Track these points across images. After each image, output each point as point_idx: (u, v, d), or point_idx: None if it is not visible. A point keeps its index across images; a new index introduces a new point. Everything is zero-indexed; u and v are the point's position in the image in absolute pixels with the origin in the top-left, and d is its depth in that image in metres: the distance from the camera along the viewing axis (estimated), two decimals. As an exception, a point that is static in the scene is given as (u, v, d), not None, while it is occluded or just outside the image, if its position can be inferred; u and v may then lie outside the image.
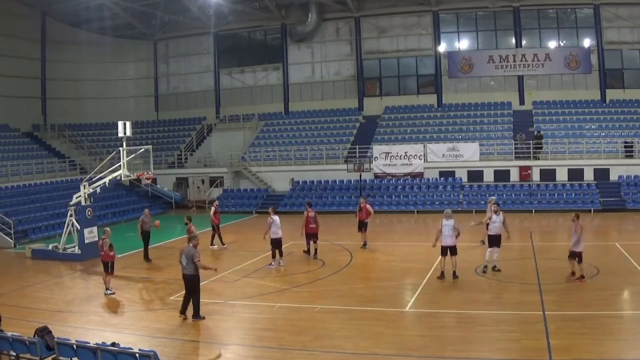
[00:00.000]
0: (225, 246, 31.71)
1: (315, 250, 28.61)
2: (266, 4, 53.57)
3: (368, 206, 30.97)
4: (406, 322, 18.58)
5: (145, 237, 29.34)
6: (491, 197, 29.94)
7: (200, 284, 22.61)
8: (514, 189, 44.18)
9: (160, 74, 62.15)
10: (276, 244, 26.32)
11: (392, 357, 15.30)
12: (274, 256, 26.33)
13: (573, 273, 21.76)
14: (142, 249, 29.38)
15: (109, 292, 22.24)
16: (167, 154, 54.82)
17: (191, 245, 18.47)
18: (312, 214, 28.73)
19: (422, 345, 15.87)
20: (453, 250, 22.91)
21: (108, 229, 23.96)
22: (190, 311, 18.54)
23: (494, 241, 23.60)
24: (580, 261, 21.39)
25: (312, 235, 28.65)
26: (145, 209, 32.01)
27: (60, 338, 14.12)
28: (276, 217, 26.65)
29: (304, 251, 29.11)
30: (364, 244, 30.59)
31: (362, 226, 30.71)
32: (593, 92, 50.80)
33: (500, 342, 15.82)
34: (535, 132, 46.61)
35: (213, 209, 32.63)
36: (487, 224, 24.69)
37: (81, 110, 58.05)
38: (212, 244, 31.68)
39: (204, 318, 18.33)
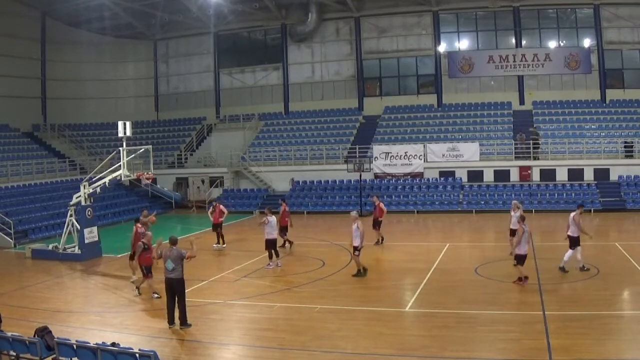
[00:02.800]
0: (215, 246, 31.67)
1: (287, 241, 30.38)
2: (266, 4, 53.55)
3: (382, 205, 31.58)
4: (406, 322, 18.59)
5: None
6: (514, 201, 29.59)
7: (201, 284, 22.71)
8: (514, 189, 44.15)
9: (160, 74, 62.12)
10: (270, 244, 26.36)
11: (392, 357, 15.31)
12: (270, 257, 26.34)
13: (521, 278, 21.66)
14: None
15: (155, 295, 21.45)
16: (167, 154, 54.82)
17: (175, 248, 18.07)
18: (287, 208, 30.70)
19: (422, 345, 15.87)
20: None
21: (149, 232, 23.22)
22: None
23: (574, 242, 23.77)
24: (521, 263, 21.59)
25: (285, 229, 30.22)
26: (144, 210, 32.01)
27: (60, 338, 14.12)
28: (272, 218, 26.73)
29: (281, 246, 29.78)
30: (377, 241, 31.08)
31: (377, 224, 31.25)
32: (593, 92, 50.77)
33: (500, 342, 15.83)
34: (534, 130, 46.44)
35: (211, 208, 32.59)
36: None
37: (81, 110, 58.00)
38: (222, 243, 31.80)
39: (191, 325, 17.90)
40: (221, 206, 32.89)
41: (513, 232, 26.32)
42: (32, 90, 54.89)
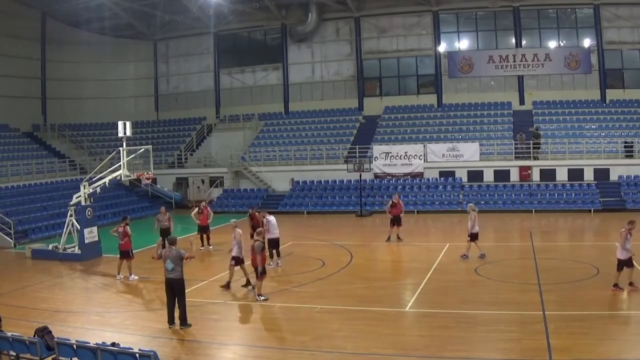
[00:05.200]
0: (210, 247, 31.70)
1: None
2: (266, 4, 53.53)
3: (401, 202, 32.51)
4: (406, 322, 18.59)
5: (163, 234, 29.19)
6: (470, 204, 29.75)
7: (201, 284, 22.70)
8: (514, 189, 44.16)
9: (160, 74, 62.12)
10: (273, 244, 26.38)
11: (392, 357, 15.30)
12: (271, 256, 26.34)
13: (631, 283, 20.33)
14: (141, 249, 29.33)
15: (261, 298, 20.81)
16: (167, 154, 54.82)
17: (174, 248, 18.10)
18: (257, 214, 30.08)
19: (422, 346, 15.87)
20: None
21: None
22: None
23: None
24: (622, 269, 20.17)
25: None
26: (161, 207, 32.87)
27: (60, 338, 14.11)
28: (272, 218, 26.78)
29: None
30: (398, 237, 31.74)
31: (396, 221, 31.72)
32: (593, 92, 50.74)
33: (500, 342, 15.83)
34: (534, 131, 46.34)
35: (196, 209, 32.52)
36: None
37: (81, 110, 58.04)
38: (202, 245, 31.71)
39: (191, 325, 17.93)
40: (209, 208, 32.91)
41: (473, 236, 26.87)
42: (32, 90, 54.89)
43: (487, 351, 15.44)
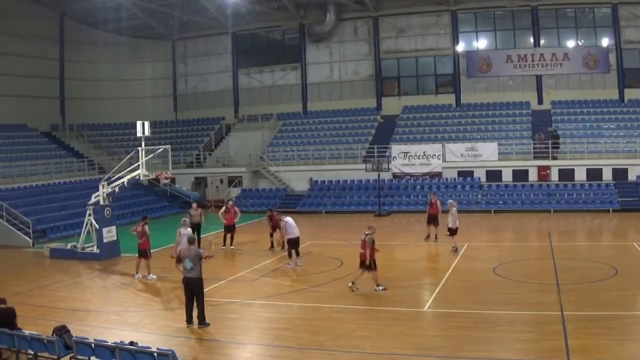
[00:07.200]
0: (231, 247, 31.70)
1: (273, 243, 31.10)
2: (284, 3, 53.57)
3: (438, 202, 31.84)
4: (424, 322, 18.54)
5: (195, 229, 29.34)
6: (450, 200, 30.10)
7: (219, 283, 22.75)
8: (533, 189, 43.92)
9: (179, 73, 62.30)
10: (293, 243, 26.42)
11: (410, 357, 15.24)
12: (290, 256, 26.41)
13: None
14: (159, 248, 29.54)
15: (380, 288, 21.69)
16: (186, 154, 54.89)
17: (193, 247, 18.31)
18: (276, 214, 30.61)
19: (439, 345, 15.83)
20: None
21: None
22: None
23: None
24: None
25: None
26: (193, 204, 34.03)
27: (78, 337, 14.18)
28: (288, 218, 26.85)
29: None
30: (433, 237, 31.44)
31: (433, 220, 31.36)
32: (611, 92, 50.30)
33: (518, 342, 15.76)
34: (552, 132, 46.14)
35: (223, 208, 32.55)
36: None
37: (99, 110, 58.28)
38: (224, 245, 31.74)
39: (209, 324, 17.98)
40: (236, 207, 32.94)
41: (452, 231, 28.33)
42: (51, 90, 55.20)
43: (505, 351, 15.37)
